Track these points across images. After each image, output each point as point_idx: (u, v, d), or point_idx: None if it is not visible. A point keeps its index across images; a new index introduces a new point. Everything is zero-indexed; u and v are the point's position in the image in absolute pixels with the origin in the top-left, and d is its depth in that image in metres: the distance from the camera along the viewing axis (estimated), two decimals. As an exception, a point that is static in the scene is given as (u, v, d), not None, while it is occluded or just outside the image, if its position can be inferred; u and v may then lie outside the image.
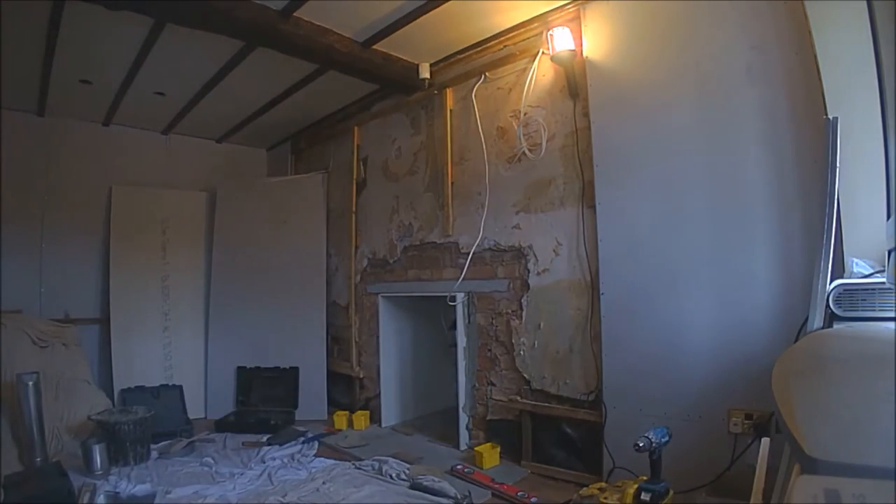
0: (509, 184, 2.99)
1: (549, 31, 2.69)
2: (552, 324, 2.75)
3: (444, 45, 3.18)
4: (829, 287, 1.55)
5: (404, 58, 3.30)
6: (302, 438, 3.33)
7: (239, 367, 4.15)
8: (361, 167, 4.06)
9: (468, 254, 3.16)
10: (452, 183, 3.31)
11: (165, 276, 4.27)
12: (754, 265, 2.05)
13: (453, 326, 3.27)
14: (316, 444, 3.30)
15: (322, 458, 3.04)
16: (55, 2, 2.46)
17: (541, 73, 2.86)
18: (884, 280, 1.51)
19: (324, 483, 2.63)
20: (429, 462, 2.89)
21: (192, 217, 4.48)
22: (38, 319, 3.56)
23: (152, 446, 3.13)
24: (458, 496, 2.36)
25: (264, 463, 2.95)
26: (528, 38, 2.91)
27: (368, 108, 3.99)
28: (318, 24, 2.82)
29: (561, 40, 2.63)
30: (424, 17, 2.75)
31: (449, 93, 3.36)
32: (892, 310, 1.46)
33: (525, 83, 2.89)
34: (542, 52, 2.82)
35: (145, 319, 4.12)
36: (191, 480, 2.69)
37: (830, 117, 1.60)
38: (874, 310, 1.49)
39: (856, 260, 1.67)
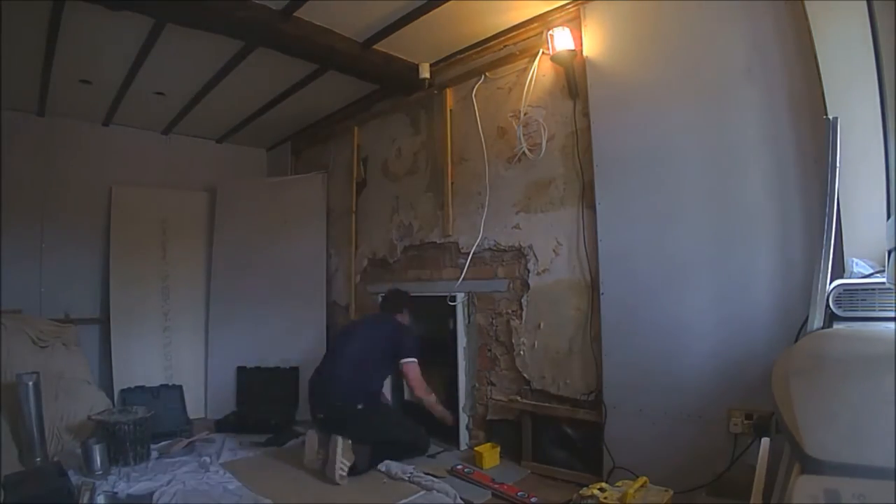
0: (509, 184, 2.99)
1: (549, 31, 2.69)
2: (552, 324, 2.75)
3: (444, 45, 3.18)
4: (829, 287, 1.55)
5: (404, 58, 3.29)
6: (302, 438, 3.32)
7: (239, 367, 4.14)
8: (361, 167, 4.06)
9: (468, 254, 3.16)
10: (452, 183, 3.31)
11: (165, 275, 4.26)
12: (754, 265, 2.05)
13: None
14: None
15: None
16: (55, 2, 2.46)
17: (541, 73, 2.86)
18: (884, 280, 1.51)
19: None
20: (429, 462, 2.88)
21: (192, 217, 4.48)
22: (38, 319, 3.55)
23: (152, 446, 3.12)
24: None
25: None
26: (528, 38, 2.91)
27: (368, 108, 3.99)
28: (318, 24, 2.82)
29: (561, 40, 2.63)
30: (424, 17, 2.74)
31: (449, 93, 3.36)
32: (892, 310, 1.46)
33: (525, 83, 2.89)
34: (542, 52, 2.81)
35: (145, 319, 4.11)
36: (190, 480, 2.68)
37: (830, 117, 1.59)
38: (874, 310, 1.49)
39: (856, 260, 1.67)
